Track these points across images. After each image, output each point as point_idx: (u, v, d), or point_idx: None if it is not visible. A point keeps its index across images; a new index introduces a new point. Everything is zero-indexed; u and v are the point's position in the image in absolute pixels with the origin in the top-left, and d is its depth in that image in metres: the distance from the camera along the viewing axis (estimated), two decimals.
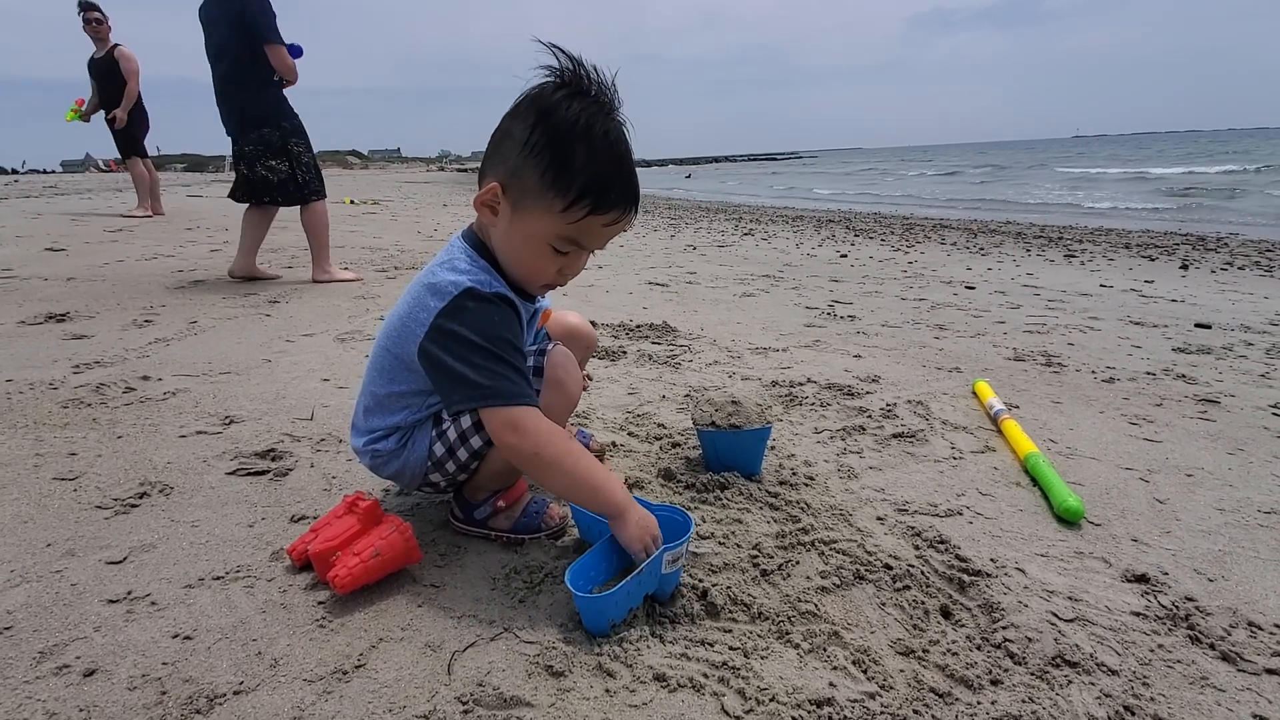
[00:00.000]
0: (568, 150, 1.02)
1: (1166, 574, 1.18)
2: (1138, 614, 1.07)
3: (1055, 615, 1.05)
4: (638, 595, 1.00)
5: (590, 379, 1.55)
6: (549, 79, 1.05)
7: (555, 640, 0.96)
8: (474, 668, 0.92)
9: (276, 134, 3.49)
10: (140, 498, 1.35)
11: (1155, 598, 1.11)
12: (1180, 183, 17.78)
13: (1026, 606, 1.07)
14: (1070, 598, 1.10)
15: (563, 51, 1.05)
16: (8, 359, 2.22)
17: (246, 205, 3.62)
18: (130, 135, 6.73)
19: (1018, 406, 2.01)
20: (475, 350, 1.04)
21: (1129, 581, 1.16)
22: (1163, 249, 6.56)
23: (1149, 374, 2.35)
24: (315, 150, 3.76)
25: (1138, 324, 3.17)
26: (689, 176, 42.40)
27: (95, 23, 6.42)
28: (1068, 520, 1.35)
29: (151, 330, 2.64)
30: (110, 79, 6.48)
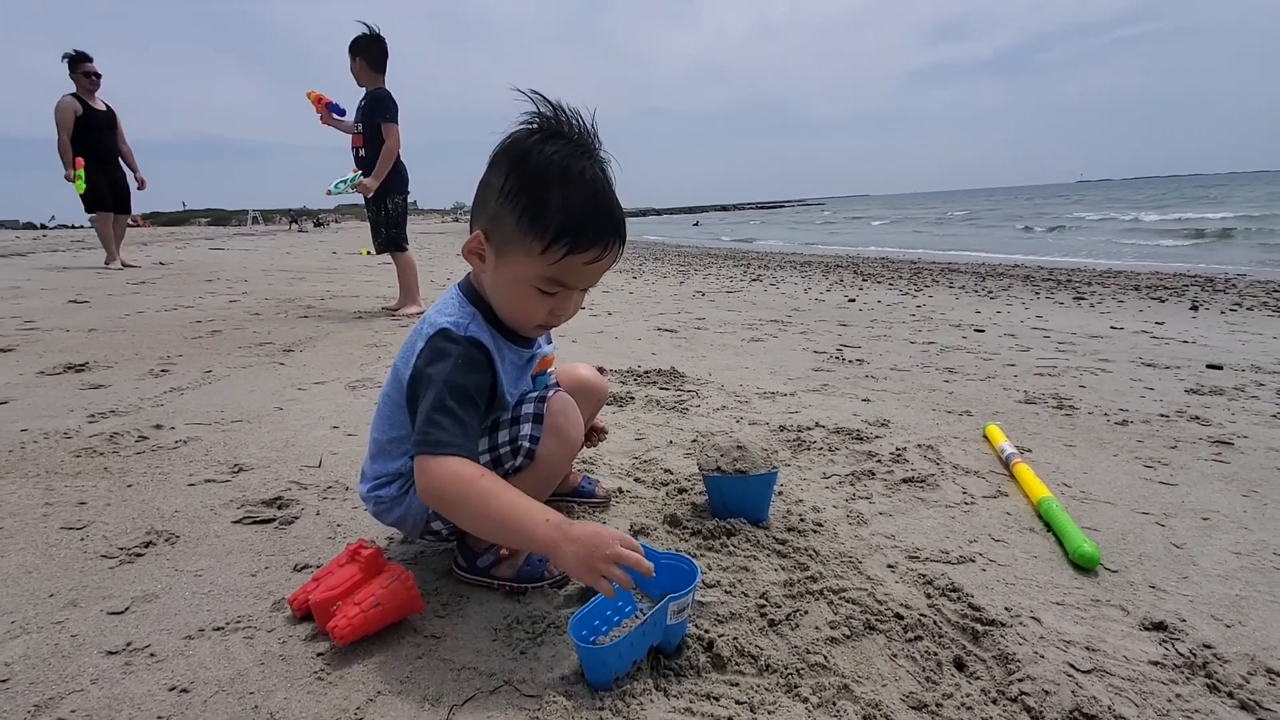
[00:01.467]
0: (542, 193, 1.03)
1: (1184, 621, 1.14)
2: (1155, 663, 1.04)
3: (1072, 666, 1.02)
4: (641, 646, 0.98)
5: (604, 435, 1.56)
6: (524, 124, 1.08)
7: (556, 694, 0.94)
8: None
9: None
10: (146, 547, 1.35)
11: (1173, 645, 1.08)
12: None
13: (1043, 657, 1.04)
14: (1088, 648, 1.07)
15: (541, 97, 1.08)
16: (25, 409, 2.26)
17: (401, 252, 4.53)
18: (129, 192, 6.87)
19: (1030, 450, 1.98)
20: (431, 393, 1.05)
21: (1147, 630, 1.12)
22: (1172, 290, 6.54)
23: (1162, 416, 2.32)
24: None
25: (1149, 365, 3.14)
26: (696, 224, 43.37)
27: (96, 76, 6.40)
28: (1083, 567, 1.31)
29: (168, 379, 2.69)
30: (111, 134, 6.62)
